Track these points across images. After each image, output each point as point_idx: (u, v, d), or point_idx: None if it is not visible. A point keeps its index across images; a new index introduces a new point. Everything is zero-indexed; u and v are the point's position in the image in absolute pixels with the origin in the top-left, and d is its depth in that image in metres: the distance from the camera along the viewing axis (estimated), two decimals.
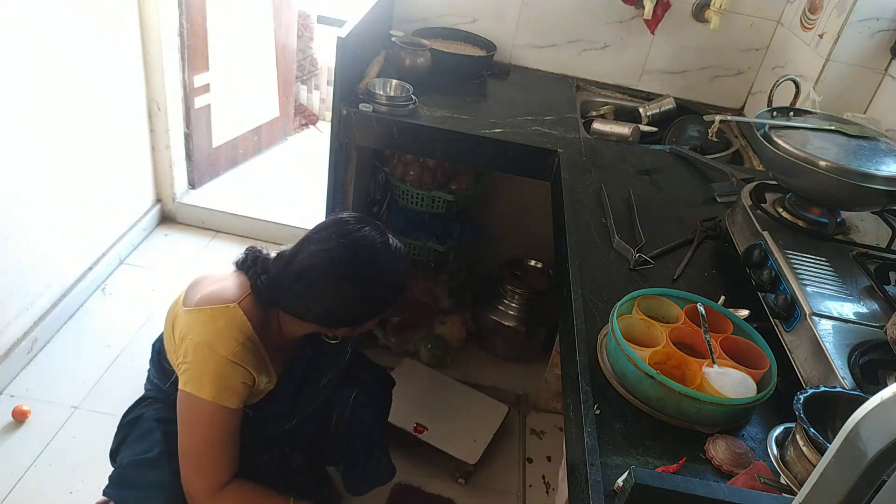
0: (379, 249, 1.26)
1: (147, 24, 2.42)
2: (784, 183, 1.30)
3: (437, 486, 1.96)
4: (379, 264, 1.27)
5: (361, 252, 1.25)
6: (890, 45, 1.71)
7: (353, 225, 1.27)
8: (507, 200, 2.52)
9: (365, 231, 1.27)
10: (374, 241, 1.26)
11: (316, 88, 3.93)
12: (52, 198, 2.12)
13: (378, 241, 1.27)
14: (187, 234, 2.85)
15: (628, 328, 1.04)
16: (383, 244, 1.27)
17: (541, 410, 2.27)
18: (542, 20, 2.16)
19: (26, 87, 1.91)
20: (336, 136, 1.77)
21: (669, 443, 0.91)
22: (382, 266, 1.27)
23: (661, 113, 2.11)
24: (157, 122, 2.63)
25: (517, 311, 2.36)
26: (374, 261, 1.26)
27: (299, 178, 3.25)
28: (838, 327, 0.99)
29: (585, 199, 1.48)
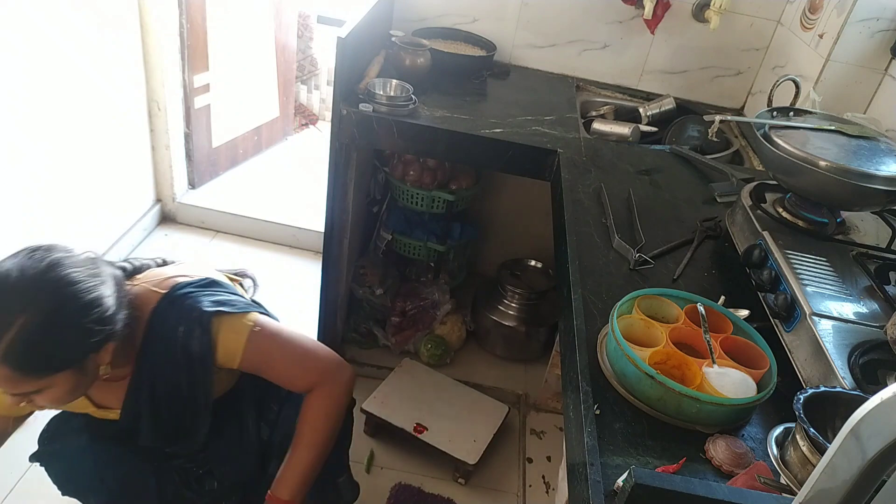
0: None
1: (147, 24, 2.42)
2: (784, 183, 1.30)
3: (437, 486, 1.96)
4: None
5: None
6: (890, 45, 1.71)
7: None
8: (507, 200, 2.52)
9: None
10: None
11: (316, 88, 3.93)
12: (51, 198, 2.12)
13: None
14: (187, 234, 2.85)
15: (628, 328, 1.04)
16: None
17: (541, 410, 2.27)
18: (542, 20, 2.16)
19: (26, 87, 1.91)
20: (336, 136, 1.77)
21: (669, 443, 0.91)
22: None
23: (661, 113, 2.11)
24: (157, 122, 2.63)
25: (517, 311, 2.36)
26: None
27: (299, 178, 3.25)
28: (838, 327, 0.99)
29: (585, 199, 1.48)
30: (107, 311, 1.07)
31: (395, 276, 2.41)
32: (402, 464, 2.01)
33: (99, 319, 1.05)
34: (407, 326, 2.34)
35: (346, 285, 2.21)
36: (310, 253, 2.85)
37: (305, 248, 2.88)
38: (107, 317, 1.07)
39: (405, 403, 2.06)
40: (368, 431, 2.08)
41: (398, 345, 2.34)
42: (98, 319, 1.05)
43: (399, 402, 2.06)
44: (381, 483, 1.94)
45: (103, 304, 1.06)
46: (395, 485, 1.93)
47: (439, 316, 2.35)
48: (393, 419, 2.00)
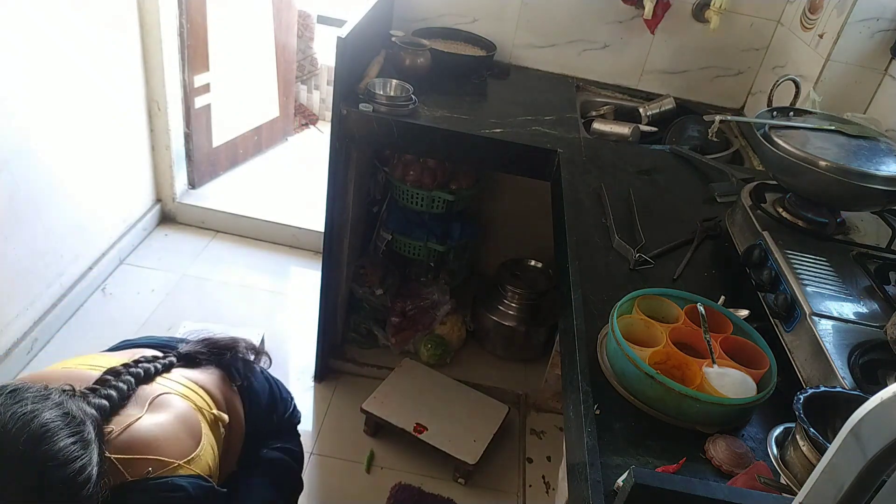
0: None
1: (147, 24, 2.43)
2: (784, 183, 1.30)
3: (437, 486, 1.96)
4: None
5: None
6: (890, 45, 1.71)
7: None
8: (507, 200, 2.52)
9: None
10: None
11: (316, 88, 3.93)
12: (51, 198, 2.12)
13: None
14: (187, 234, 2.85)
15: (628, 328, 1.03)
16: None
17: (541, 410, 2.27)
18: (542, 20, 2.16)
19: (26, 87, 1.91)
20: (336, 136, 1.77)
21: (669, 443, 0.91)
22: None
23: (661, 113, 2.11)
24: (157, 122, 2.64)
25: (517, 311, 2.36)
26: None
27: (299, 178, 3.25)
28: (838, 327, 0.99)
29: (585, 199, 1.48)
30: (86, 489, 0.89)
31: (395, 276, 2.41)
32: (402, 464, 2.01)
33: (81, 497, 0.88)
34: (407, 326, 2.34)
35: (346, 285, 2.21)
36: (310, 253, 2.85)
37: (305, 248, 2.88)
38: (84, 497, 0.89)
39: (405, 403, 2.06)
40: (368, 431, 2.08)
41: (398, 345, 2.34)
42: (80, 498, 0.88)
43: (399, 402, 2.07)
44: (381, 483, 1.95)
45: (87, 482, 0.88)
46: (395, 485, 1.93)
47: (439, 316, 2.35)
48: (393, 419, 2.00)
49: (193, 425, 1.10)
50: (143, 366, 1.12)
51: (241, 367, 1.29)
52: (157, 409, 1.07)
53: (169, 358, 1.19)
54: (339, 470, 1.98)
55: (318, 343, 2.17)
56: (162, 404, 1.08)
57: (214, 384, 1.21)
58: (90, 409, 0.95)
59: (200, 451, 1.07)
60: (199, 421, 1.11)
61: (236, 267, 2.72)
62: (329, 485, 1.94)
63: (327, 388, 2.23)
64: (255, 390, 1.31)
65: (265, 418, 1.32)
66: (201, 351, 1.25)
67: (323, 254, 2.00)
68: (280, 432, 1.36)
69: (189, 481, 1.02)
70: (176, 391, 1.13)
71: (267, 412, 1.32)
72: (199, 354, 1.24)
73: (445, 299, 2.37)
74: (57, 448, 0.85)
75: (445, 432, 1.99)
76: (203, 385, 1.18)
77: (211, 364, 1.25)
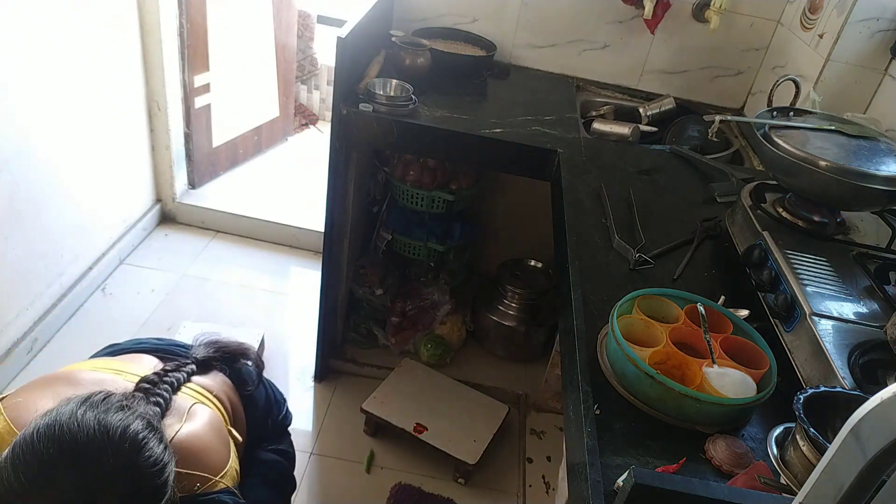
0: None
1: (147, 24, 2.43)
2: (784, 183, 1.30)
3: (437, 486, 1.96)
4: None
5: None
6: (890, 45, 1.71)
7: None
8: (507, 200, 2.52)
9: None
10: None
11: (316, 88, 3.93)
12: (51, 198, 2.12)
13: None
14: (187, 234, 2.85)
15: (628, 328, 1.04)
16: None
17: (541, 410, 2.27)
18: (542, 20, 2.16)
19: (26, 87, 1.91)
20: (336, 136, 1.77)
21: (669, 443, 0.91)
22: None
23: (661, 113, 2.11)
24: (157, 122, 2.64)
25: (517, 311, 2.36)
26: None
27: (299, 178, 3.25)
28: (838, 327, 0.99)
29: (585, 199, 1.48)
30: (164, 494, 0.89)
31: (395, 276, 2.41)
32: (402, 464, 2.01)
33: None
34: (407, 326, 2.34)
35: (346, 285, 2.21)
36: (310, 253, 2.85)
37: (305, 248, 2.88)
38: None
39: (405, 403, 2.06)
40: (368, 431, 2.08)
41: (398, 345, 2.34)
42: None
43: (399, 402, 2.07)
44: (381, 483, 1.95)
45: (167, 487, 0.89)
46: (395, 485, 1.93)
47: (439, 316, 2.35)
48: (393, 419, 2.00)
49: (223, 435, 1.10)
50: (174, 375, 1.11)
51: (254, 373, 1.29)
52: (193, 419, 1.06)
53: (190, 366, 1.18)
54: (339, 470, 1.98)
55: (318, 343, 2.17)
56: (194, 414, 1.08)
57: (225, 394, 1.21)
58: (160, 423, 0.94)
59: (231, 461, 1.07)
60: (226, 431, 1.12)
61: (236, 267, 2.72)
62: (329, 485, 1.94)
63: (327, 388, 2.23)
64: (254, 395, 1.30)
65: (261, 423, 1.31)
66: (214, 357, 1.25)
67: (323, 254, 2.00)
68: (273, 435, 1.36)
69: (230, 497, 1.03)
70: (202, 401, 1.13)
71: (263, 416, 1.32)
72: (212, 360, 1.24)
73: (445, 299, 2.37)
74: (156, 455, 0.87)
75: (445, 432, 1.99)
76: (218, 396, 1.18)
77: (223, 370, 1.25)
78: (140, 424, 0.88)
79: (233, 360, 1.27)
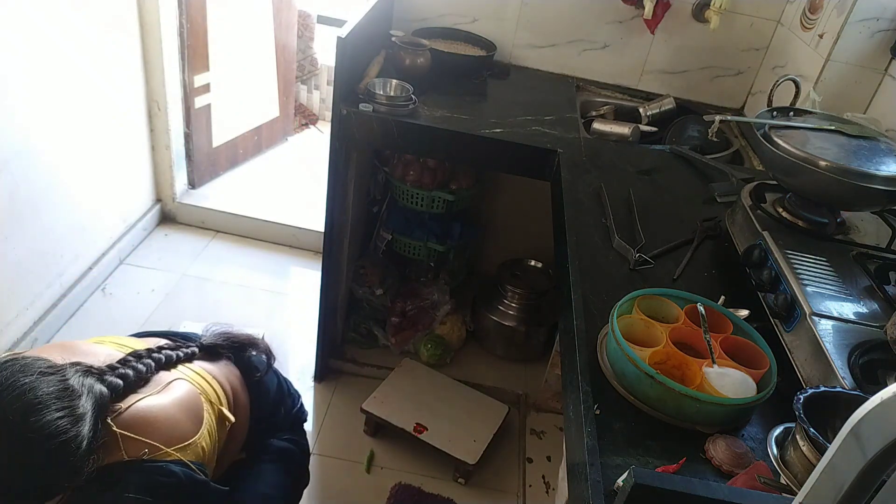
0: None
1: (147, 24, 2.42)
2: (784, 183, 1.30)
3: (437, 486, 1.96)
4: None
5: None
6: (890, 45, 1.71)
7: None
8: (507, 200, 2.52)
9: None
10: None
11: (316, 88, 3.93)
12: (51, 198, 2.12)
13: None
14: (187, 233, 2.85)
15: (628, 328, 1.03)
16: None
17: (541, 410, 2.27)
18: (542, 20, 2.16)
19: (26, 88, 1.91)
20: (336, 136, 1.77)
21: (669, 443, 0.91)
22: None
23: (661, 113, 2.11)
24: (157, 122, 2.64)
25: (517, 311, 2.36)
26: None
27: (299, 178, 3.25)
28: (838, 327, 0.99)
29: (585, 199, 1.48)
30: (71, 460, 0.92)
31: (395, 276, 2.41)
32: (402, 464, 2.01)
33: (61, 471, 0.92)
34: (407, 326, 2.34)
35: (346, 285, 2.21)
36: (310, 253, 2.85)
37: (305, 248, 2.88)
38: (71, 467, 0.92)
39: (405, 403, 2.06)
40: (368, 431, 2.08)
41: (398, 345, 2.34)
42: (59, 471, 0.92)
43: (399, 402, 2.07)
44: (381, 483, 1.95)
45: (71, 453, 0.91)
46: (395, 485, 1.93)
47: (439, 316, 2.35)
48: (393, 419, 2.00)
49: (196, 412, 1.13)
50: (167, 353, 1.16)
51: (262, 362, 1.35)
52: (166, 392, 1.11)
53: (192, 348, 1.23)
54: (339, 470, 1.98)
55: (318, 343, 2.17)
56: (171, 389, 1.12)
57: (227, 379, 1.25)
58: (100, 387, 0.99)
59: (197, 439, 1.10)
60: (202, 409, 1.14)
61: (236, 267, 2.72)
62: (329, 485, 1.94)
63: (327, 388, 2.23)
64: (264, 382, 1.34)
65: (273, 411, 1.35)
66: (221, 344, 1.29)
67: (323, 254, 2.00)
68: (287, 425, 1.40)
69: (182, 470, 1.05)
70: (190, 378, 1.17)
71: (275, 405, 1.36)
72: (220, 348, 1.29)
73: (445, 299, 2.37)
74: (44, 422, 0.89)
75: (445, 432, 1.99)
76: (217, 378, 1.22)
77: (229, 358, 1.29)
78: (48, 389, 0.91)
79: (241, 349, 1.32)
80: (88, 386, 0.97)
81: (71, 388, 0.94)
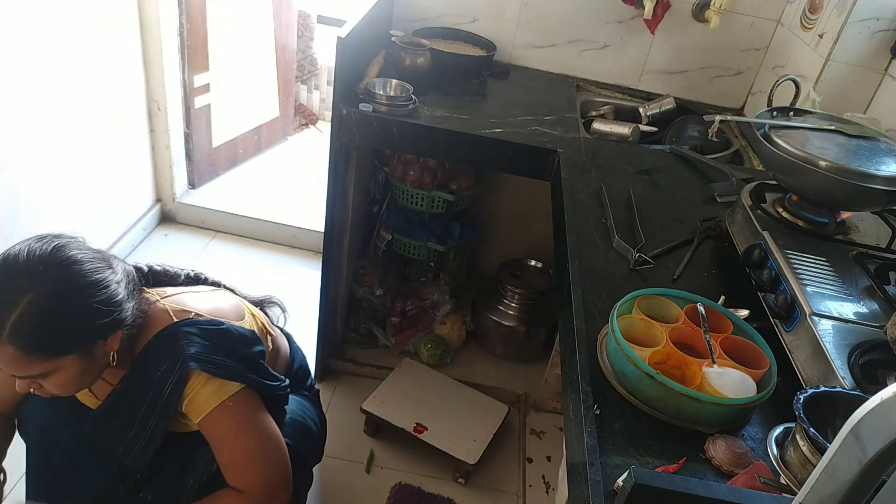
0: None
1: (147, 24, 2.42)
2: (784, 183, 1.30)
3: (437, 486, 1.96)
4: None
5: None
6: (890, 45, 1.71)
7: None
8: (507, 200, 2.52)
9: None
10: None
11: (316, 88, 3.93)
12: (52, 198, 2.12)
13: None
14: (187, 233, 2.85)
15: (628, 328, 1.04)
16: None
17: (541, 410, 2.27)
18: (542, 20, 2.16)
19: (26, 88, 1.91)
20: (336, 136, 1.77)
21: (669, 443, 0.91)
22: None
23: (661, 113, 2.11)
24: (157, 122, 2.64)
25: (517, 311, 2.36)
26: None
27: (299, 178, 3.25)
28: (838, 327, 0.99)
29: (585, 199, 1.48)
30: (115, 295, 1.09)
31: (395, 276, 2.41)
32: (402, 464, 2.01)
33: (106, 301, 1.08)
34: (407, 326, 2.34)
35: (346, 285, 2.21)
36: (310, 253, 2.85)
37: (305, 248, 2.88)
38: (115, 301, 1.09)
39: (405, 403, 2.06)
40: (368, 431, 2.08)
41: (398, 345, 2.34)
42: (105, 301, 1.07)
43: (399, 402, 2.07)
44: (381, 483, 1.95)
45: (110, 286, 1.09)
46: (395, 485, 1.93)
47: (439, 316, 2.35)
48: (393, 419, 2.00)
49: (238, 310, 1.32)
50: (196, 272, 1.43)
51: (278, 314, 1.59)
52: (210, 294, 1.33)
53: (217, 281, 1.47)
54: (339, 470, 1.98)
55: (317, 343, 2.17)
56: (216, 293, 1.35)
57: (260, 312, 1.47)
58: (128, 266, 1.20)
59: (239, 323, 1.28)
60: (244, 311, 1.34)
61: (236, 267, 2.72)
62: (329, 485, 1.94)
63: (327, 388, 2.23)
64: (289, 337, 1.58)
65: (292, 360, 1.56)
66: (238, 291, 1.49)
67: (323, 254, 2.00)
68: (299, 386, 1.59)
69: (230, 324, 1.24)
70: (231, 296, 1.38)
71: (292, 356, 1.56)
72: (237, 291, 1.48)
73: (445, 299, 2.37)
74: (79, 257, 1.09)
75: (445, 432, 1.99)
76: (255, 308, 1.44)
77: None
78: (89, 256, 1.11)
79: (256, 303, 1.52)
80: (115, 258, 1.17)
81: (101, 254, 1.14)
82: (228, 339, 1.22)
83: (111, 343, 1.12)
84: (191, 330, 1.18)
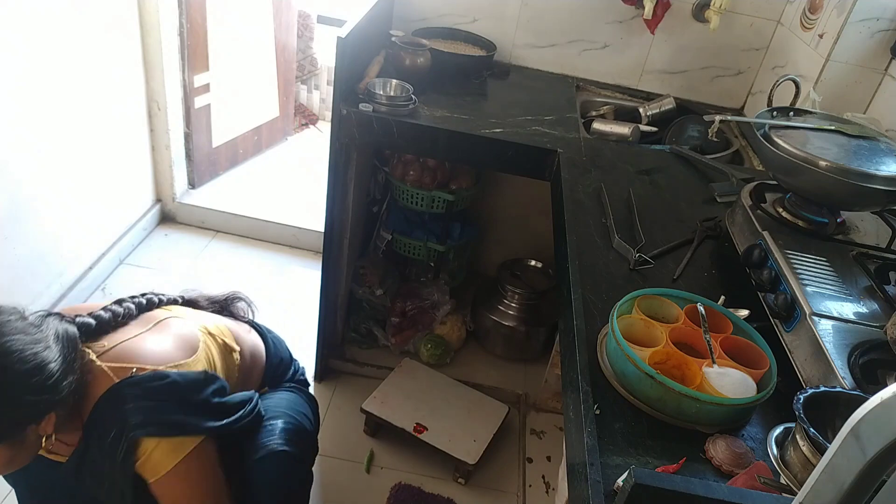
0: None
1: (147, 24, 2.42)
2: (784, 183, 1.30)
3: (437, 486, 1.96)
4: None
5: None
6: (890, 45, 1.71)
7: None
8: (507, 200, 2.52)
9: None
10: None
11: (316, 88, 3.93)
12: (52, 198, 2.12)
13: None
14: (187, 233, 2.85)
15: (628, 328, 1.04)
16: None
17: (541, 410, 2.27)
18: (542, 20, 2.16)
19: (26, 88, 1.91)
20: (336, 136, 1.77)
21: (669, 443, 0.91)
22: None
23: (661, 113, 2.11)
24: (157, 122, 2.63)
25: (517, 311, 2.36)
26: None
27: (299, 178, 3.25)
28: (838, 327, 0.99)
29: (585, 199, 1.48)
30: (49, 378, 1.01)
31: (395, 276, 2.41)
32: (402, 464, 2.01)
33: (38, 388, 1.00)
34: (407, 326, 2.34)
35: (346, 285, 2.21)
36: (310, 253, 2.85)
37: (305, 248, 2.88)
38: (48, 385, 1.01)
39: (405, 403, 2.06)
40: (368, 431, 2.08)
41: (398, 345, 2.34)
42: (37, 388, 1.00)
43: (399, 402, 2.07)
44: (381, 483, 1.95)
45: (45, 370, 1.01)
46: (395, 485, 1.93)
47: (439, 316, 2.35)
48: (393, 419, 2.00)
49: (190, 342, 1.23)
50: (149, 297, 1.31)
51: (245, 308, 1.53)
52: (158, 330, 1.23)
53: (174, 297, 1.38)
54: (338, 470, 1.98)
55: (317, 343, 2.17)
56: (163, 325, 1.24)
57: (225, 321, 1.40)
58: (66, 326, 1.10)
59: (190, 362, 1.19)
60: (198, 339, 1.25)
61: (236, 267, 2.72)
62: (329, 485, 1.94)
63: (327, 388, 2.23)
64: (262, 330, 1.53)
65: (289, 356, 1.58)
66: (200, 301, 1.44)
67: (323, 254, 2.00)
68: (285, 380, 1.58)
69: (177, 373, 1.15)
70: (182, 315, 1.30)
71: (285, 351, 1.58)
72: (199, 302, 1.43)
73: (445, 299, 2.37)
74: (10, 346, 1.00)
75: (445, 432, 1.99)
76: (218, 320, 1.38)
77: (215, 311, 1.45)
78: (22, 343, 1.01)
79: (221, 306, 1.48)
80: (54, 325, 1.08)
81: (38, 327, 1.05)
82: (176, 390, 1.14)
83: (44, 427, 1.05)
84: (133, 391, 1.10)
